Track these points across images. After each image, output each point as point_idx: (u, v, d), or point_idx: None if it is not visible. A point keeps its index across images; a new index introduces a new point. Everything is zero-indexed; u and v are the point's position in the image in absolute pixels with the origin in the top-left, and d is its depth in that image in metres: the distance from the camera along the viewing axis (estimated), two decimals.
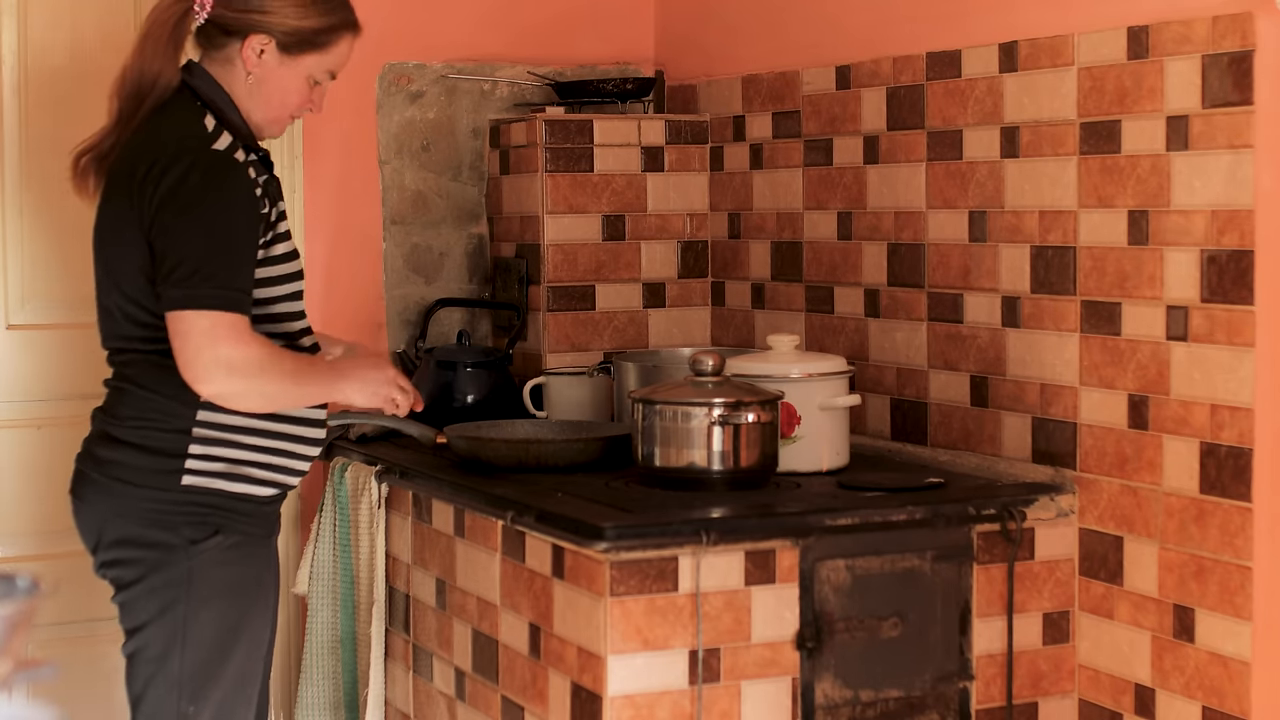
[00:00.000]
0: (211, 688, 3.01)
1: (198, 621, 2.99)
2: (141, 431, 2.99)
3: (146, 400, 3.00)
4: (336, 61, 3.09)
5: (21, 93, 4.00)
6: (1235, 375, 2.86)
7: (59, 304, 4.06)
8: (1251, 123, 2.81)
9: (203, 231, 2.89)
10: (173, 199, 2.90)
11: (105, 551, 3.06)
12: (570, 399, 3.83)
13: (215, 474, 2.98)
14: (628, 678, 2.85)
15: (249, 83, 3.03)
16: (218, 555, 2.99)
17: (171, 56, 3.02)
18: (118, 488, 3.00)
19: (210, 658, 3.00)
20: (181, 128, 2.98)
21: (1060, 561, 3.17)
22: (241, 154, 2.97)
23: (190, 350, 2.86)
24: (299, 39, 3.02)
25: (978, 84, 3.37)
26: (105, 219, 3.06)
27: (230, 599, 3.02)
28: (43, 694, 3.96)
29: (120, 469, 3.00)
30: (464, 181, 4.29)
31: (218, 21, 3.02)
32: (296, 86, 3.05)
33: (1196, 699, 2.94)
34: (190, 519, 2.98)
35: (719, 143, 4.16)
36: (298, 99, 3.07)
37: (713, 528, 2.87)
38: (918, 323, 3.54)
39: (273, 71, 3.03)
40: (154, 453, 2.98)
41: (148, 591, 3.01)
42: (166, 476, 2.97)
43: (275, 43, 3.01)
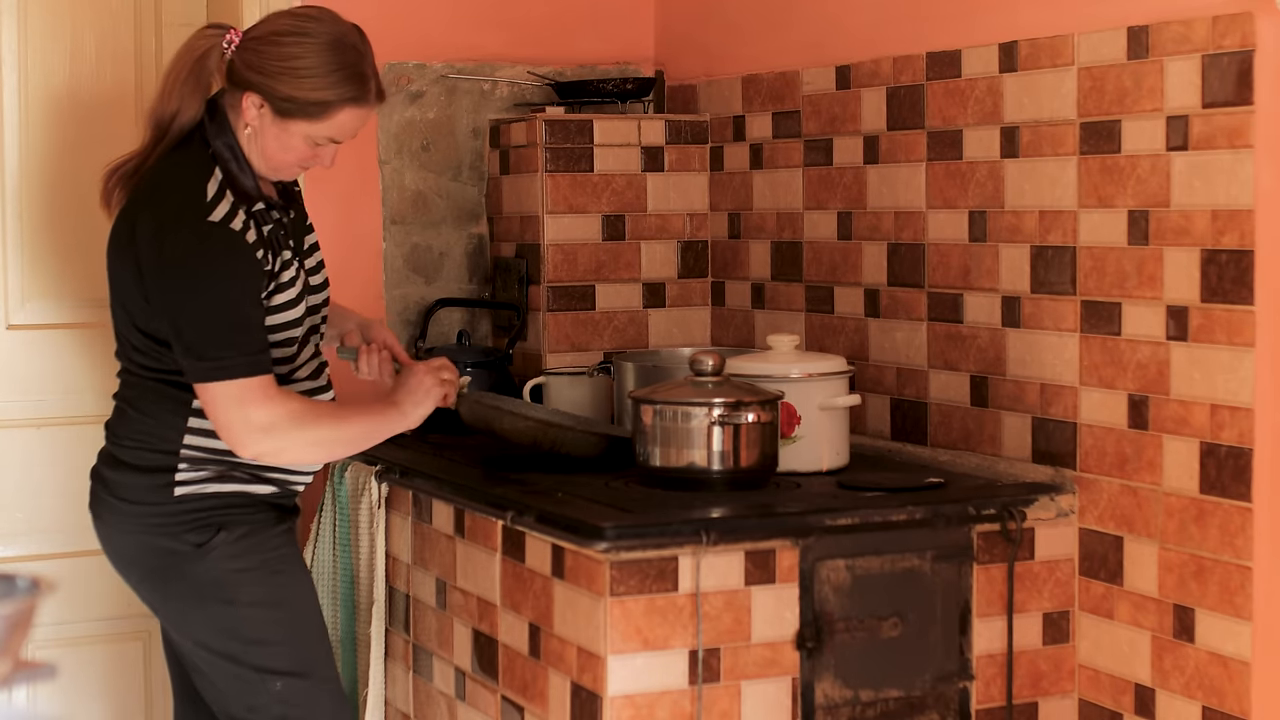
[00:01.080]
0: (287, 660, 3.10)
1: (242, 611, 3.08)
2: (135, 452, 3.09)
3: (139, 422, 3.09)
4: (336, 131, 3.03)
5: (22, 94, 4.00)
6: (1235, 375, 2.86)
7: (59, 304, 4.06)
8: (1251, 123, 2.81)
9: (211, 307, 2.93)
10: (176, 274, 2.93)
11: (130, 570, 3.15)
12: (570, 399, 3.83)
13: (205, 480, 3.06)
14: (628, 678, 2.85)
15: (247, 134, 3.02)
16: (229, 550, 3.06)
17: (190, 93, 3.02)
18: (121, 506, 3.10)
19: (272, 636, 3.09)
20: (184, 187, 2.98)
21: (1060, 561, 3.17)
22: (241, 217, 2.98)
23: (223, 420, 2.94)
24: (293, 106, 2.98)
25: (978, 84, 3.37)
26: (114, 248, 3.10)
27: (264, 581, 3.10)
28: (43, 694, 3.96)
29: (120, 488, 3.10)
30: (464, 181, 4.29)
31: (233, 65, 3.01)
32: (294, 145, 3.03)
33: (1196, 699, 2.94)
34: (191, 525, 3.06)
35: (719, 143, 4.16)
36: (295, 156, 3.05)
37: (713, 528, 2.87)
38: (918, 323, 3.54)
39: (268, 129, 3.01)
40: (146, 471, 3.07)
41: (179, 599, 3.10)
42: (160, 490, 3.06)
43: (270, 106, 2.98)
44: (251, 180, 3.03)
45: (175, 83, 3.02)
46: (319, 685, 3.13)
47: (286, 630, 3.11)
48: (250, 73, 2.98)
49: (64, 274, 4.06)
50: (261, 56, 2.97)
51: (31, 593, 1.61)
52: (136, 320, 3.04)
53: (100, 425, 3.17)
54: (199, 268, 2.94)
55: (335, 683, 3.18)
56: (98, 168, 4.03)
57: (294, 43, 2.97)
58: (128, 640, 4.10)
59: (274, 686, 3.07)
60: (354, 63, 3.00)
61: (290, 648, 3.11)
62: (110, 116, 4.08)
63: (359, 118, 3.04)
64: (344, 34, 3.01)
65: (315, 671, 3.13)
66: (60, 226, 4.05)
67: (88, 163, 4.06)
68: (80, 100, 4.06)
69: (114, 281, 3.10)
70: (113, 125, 4.08)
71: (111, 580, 4.02)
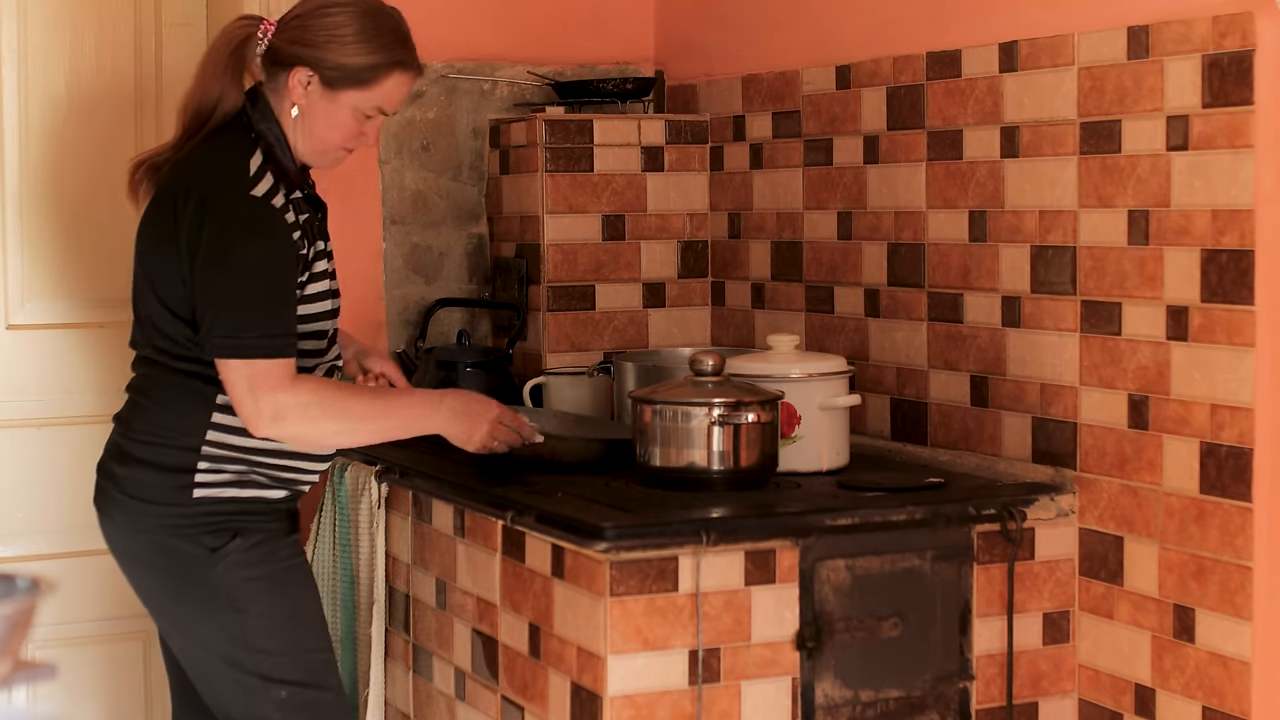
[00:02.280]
0: (293, 670, 3.08)
1: (252, 620, 3.06)
2: (153, 448, 3.05)
3: (159, 417, 3.05)
4: (385, 99, 3.06)
5: (21, 93, 4.00)
6: (1235, 375, 2.86)
7: (59, 304, 4.06)
8: (1251, 123, 2.81)
9: (241, 281, 2.93)
10: (213, 247, 2.93)
11: (138, 569, 3.12)
12: (570, 399, 3.83)
13: (224, 483, 3.04)
14: (628, 678, 2.85)
15: (294, 115, 3.04)
16: (242, 557, 3.05)
17: (231, 81, 3.04)
18: (134, 504, 3.06)
19: (279, 646, 3.08)
20: (227, 165, 3.00)
21: (1060, 561, 3.17)
22: (281, 197, 2.99)
23: (237, 398, 2.93)
24: (342, 74, 3.01)
25: (978, 84, 3.37)
26: (149, 232, 3.08)
27: (273, 591, 3.09)
28: (43, 694, 3.96)
29: (135, 486, 3.06)
30: (464, 181, 4.29)
31: (272, 50, 3.04)
32: (341, 120, 3.05)
33: (1196, 699, 2.94)
34: (207, 528, 3.04)
35: (719, 143, 4.16)
36: (342, 133, 3.07)
37: (713, 528, 2.87)
38: (918, 323, 3.54)
39: (316, 104, 3.03)
40: (165, 470, 3.04)
41: (189, 603, 3.07)
42: (178, 491, 3.03)
43: (319, 77, 3.01)
44: (293, 165, 3.06)
45: (217, 70, 3.04)
46: (323, 695, 3.13)
47: (293, 641, 3.10)
48: (296, 47, 3.01)
49: (64, 274, 4.06)
50: (306, 30, 3.01)
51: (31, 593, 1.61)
52: (171, 305, 3.01)
53: (100, 425, 3.17)
54: (237, 241, 2.94)
55: (339, 692, 3.17)
56: (98, 167, 4.05)
57: (337, 12, 3.02)
58: (128, 640, 4.11)
59: (278, 695, 3.06)
60: (396, 27, 3.07)
61: (296, 658, 3.09)
62: (110, 116, 4.08)
63: (405, 84, 3.08)
64: (381, 3, 3.09)
65: (320, 682, 3.13)
66: (60, 226, 4.05)
67: (87, 162, 4.07)
68: (80, 100, 4.06)
69: (146, 267, 3.07)
70: (113, 125, 4.09)
71: (111, 580, 4.03)
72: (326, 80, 3.01)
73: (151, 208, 3.08)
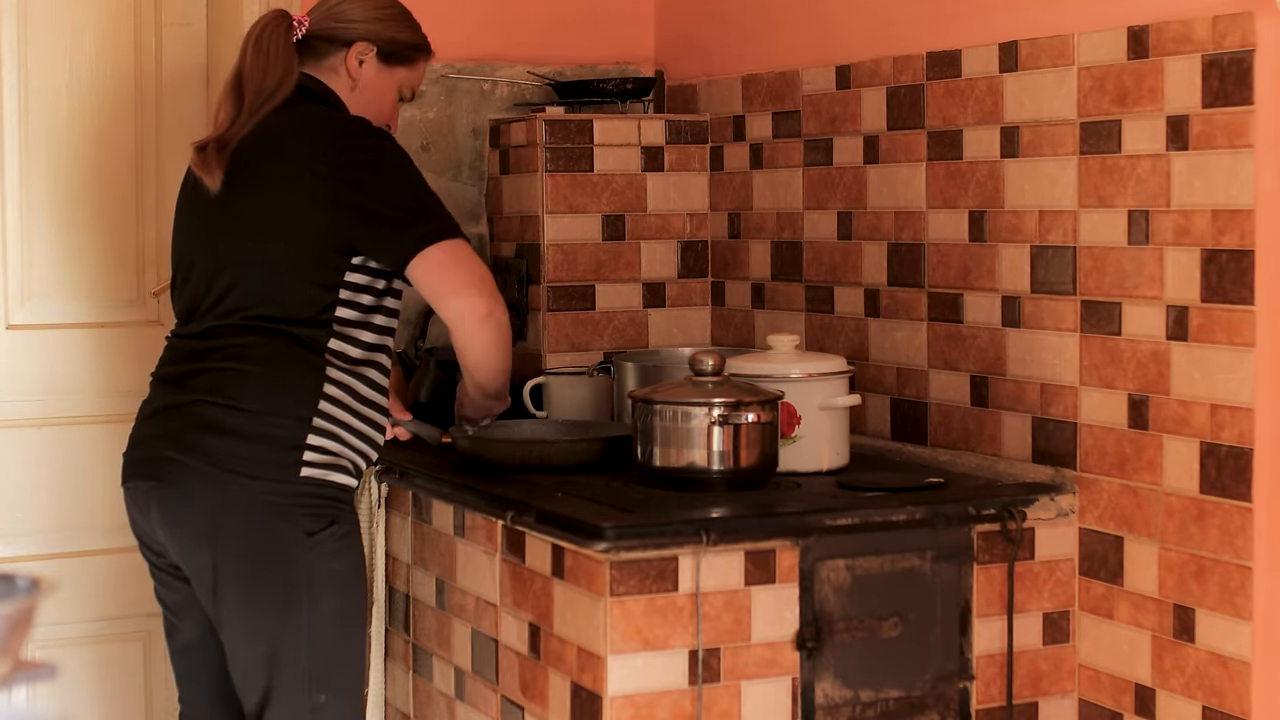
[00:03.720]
0: (340, 674, 3.08)
1: (319, 614, 3.03)
2: (268, 419, 2.98)
3: (269, 387, 3.00)
4: (417, 80, 3.31)
5: (21, 93, 4.00)
6: (1235, 375, 2.86)
7: (59, 304, 4.06)
8: (1251, 123, 2.81)
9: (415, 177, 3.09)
10: (376, 161, 3.06)
11: (217, 545, 2.99)
12: (570, 399, 3.83)
13: (326, 465, 3.03)
14: (628, 678, 2.85)
15: (353, 90, 3.22)
16: (331, 546, 3.04)
17: (291, 63, 3.16)
18: (231, 479, 2.97)
19: (335, 648, 3.07)
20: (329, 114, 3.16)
21: (1060, 561, 3.17)
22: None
23: (462, 271, 3.04)
24: (396, 49, 3.23)
25: (978, 84, 3.37)
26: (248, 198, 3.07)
27: (344, 587, 3.09)
28: (43, 694, 3.96)
29: (233, 459, 2.97)
30: (464, 181, 4.29)
31: (321, 34, 3.20)
32: (390, 97, 3.26)
33: (1196, 699, 2.95)
34: (308, 510, 3.01)
35: (719, 143, 4.16)
36: (389, 109, 3.27)
37: (713, 528, 2.87)
38: (918, 323, 3.54)
39: (373, 79, 3.23)
40: (274, 443, 2.98)
41: (266, 587, 3.00)
42: (286, 469, 2.98)
43: (376, 51, 3.21)
44: None
45: (278, 50, 3.14)
46: (353, 705, 3.13)
47: (348, 644, 3.10)
48: (353, 24, 3.20)
49: (64, 274, 4.06)
50: (354, 9, 3.21)
51: (31, 593, 1.61)
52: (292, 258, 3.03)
53: (100, 425, 3.16)
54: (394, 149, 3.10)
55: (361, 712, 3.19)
56: (98, 167, 4.05)
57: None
58: (128, 640, 4.10)
59: (317, 700, 3.03)
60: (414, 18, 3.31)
61: (345, 663, 3.09)
62: (110, 116, 4.08)
63: (424, 73, 3.34)
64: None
65: (355, 693, 3.13)
66: (60, 226, 4.05)
67: (88, 162, 4.07)
68: (80, 100, 4.06)
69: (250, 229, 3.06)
70: (113, 124, 4.08)
71: (111, 580, 4.04)
72: (383, 55, 3.23)
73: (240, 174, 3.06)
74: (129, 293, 4.08)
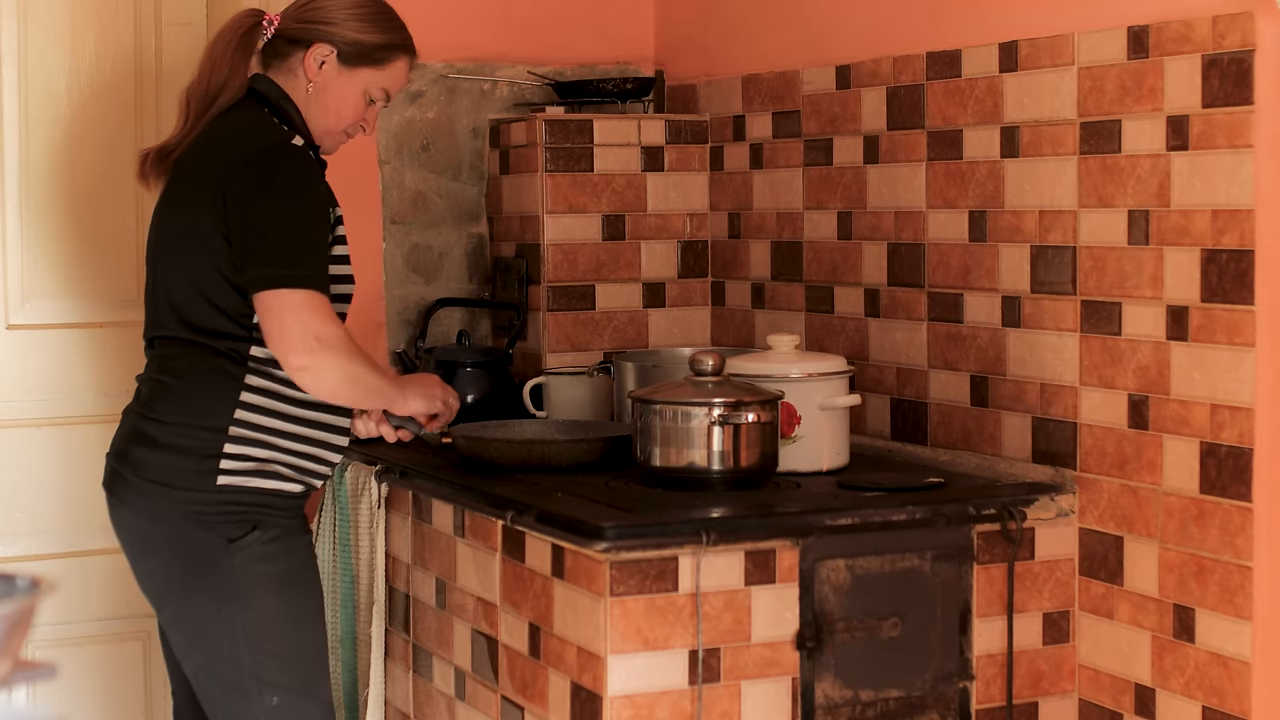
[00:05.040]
0: (288, 674, 3.08)
1: (257, 618, 3.05)
2: (180, 430, 3.03)
3: (187, 398, 3.04)
4: (392, 81, 3.20)
5: (22, 93, 4.01)
6: (1235, 375, 2.86)
7: (59, 304, 4.06)
8: (1251, 123, 2.81)
9: (293, 215, 2.99)
10: (261, 186, 2.99)
11: (149, 557, 3.09)
12: (570, 399, 3.83)
13: (248, 472, 3.03)
14: (628, 678, 2.85)
15: (309, 91, 3.14)
16: (259, 550, 3.04)
17: (238, 66, 3.12)
18: (155, 490, 3.04)
19: (282, 649, 3.08)
20: (257, 125, 3.09)
21: (1060, 561, 3.17)
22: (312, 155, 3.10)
23: (283, 324, 2.93)
24: (358, 51, 3.14)
25: (978, 84, 3.37)
26: (174, 209, 3.11)
27: (282, 590, 3.08)
28: (43, 694, 3.96)
29: (157, 470, 3.04)
30: (464, 181, 4.29)
31: (285, 34, 3.14)
32: (353, 100, 3.16)
33: (1196, 699, 2.95)
34: (228, 517, 3.03)
35: (719, 143, 4.16)
36: (353, 112, 3.17)
37: (713, 528, 2.87)
38: (918, 323, 3.54)
39: (332, 81, 3.14)
40: (190, 454, 3.02)
41: (198, 595, 3.06)
42: (202, 477, 3.02)
43: (336, 53, 3.13)
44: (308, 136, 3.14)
45: (225, 52, 3.12)
46: (314, 706, 3.12)
47: (295, 644, 3.09)
48: (313, 25, 3.13)
49: (64, 274, 4.06)
50: (322, 9, 3.14)
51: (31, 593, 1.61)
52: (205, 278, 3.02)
53: (100, 425, 3.17)
54: (290, 179, 3.01)
55: (328, 706, 3.16)
56: (98, 167, 4.06)
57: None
58: (128, 640, 4.11)
59: (270, 701, 3.05)
60: (396, 14, 3.22)
61: (295, 663, 3.09)
62: (110, 115, 4.09)
63: (406, 71, 3.23)
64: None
65: (313, 692, 3.12)
66: (60, 226, 4.05)
67: (88, 162, 4.07)
68: (80, 99, 4.06)
69: (172, 245, 3.08)
70: (113, 124, 4.09)
71: (111, 580, 4.04)
72: (343, 57, 3.14)
73: (173, 185, 3.12)
74: (129, 293, 4.08)
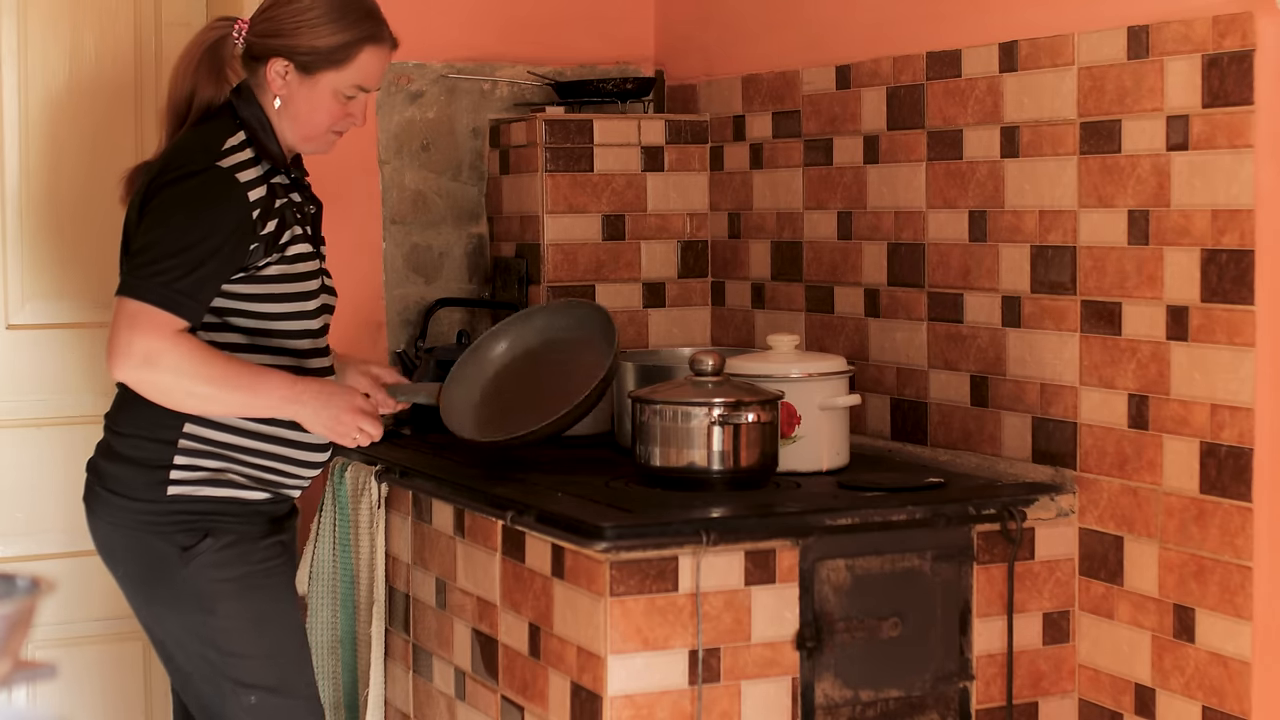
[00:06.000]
0: (263, 674, 3.07)
1: (220, 623, 3.05)
2: (133, 442, 3.05)
3: (139, 411, 3.03)
4: (362, 76, 3.09)
5: (21, 93, 4.01)
6: (1235, 375, 2.86)
7: (59, 304, 4.06)
8: (1251, 123, 2.81)
9: (173, 233, 2.93)
10: (160, 201, 2.96)
11: (115, 565, 3.13)
12: None
13: (199, 481, 3.04)
14: (628, 678, 2.85)
15: (277, 106, 3.07)
16: (212, 558, 3.04)
17: (204, 76, 3.08)
18: (113, 500, 3.07)
19: (253, 651, 3.07)
20: (200, 141, 3.03)
21: (1060, 561, 3.17)
22: (256, 171, 3.00)
23: (115, 331, 2.90)
24: (316, 57, 3.04)
25: (978, 84, 3.37)
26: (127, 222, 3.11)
27: (243, 594, 3.07)
28: (43, 694, 3.96)
29: (115, 481, 3.07)
30: (464, 181, 4.29)
31: (249, 46, 3.08)
32: (324, 105, 3.07)
33: (1196, 699, 2.95)
34: (180, 526, 3.04)
35: (719, 143, 4.16)
36: (327, 116, 3.09)
37: (713, 528, 2.87)
38: (918, 323, 3.54)
39: (296, 92, 3.06)
40: (141, 465, 3.04)
41: (161, 602, 3.08)
42: (154, 488, 3.03)
43: (294, 64, 3.05)
44: (279, 150, 3.07)
45: (188, 68, 3.08)
46: (294, 702, 3.11)
47: (264, 645, 3.08)
48: (268, 39, 3.04)
49: (64, 274, 4.06)
50: (275, 20, 3.05)
51: (31, 593, 1.61)
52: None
53: (100, 425, 3.17)
54: (187, 199, 2.95)
55: (313, 700, 3.15)
56: (98, 167, 4.05)
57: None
58: (128, 640, 4.10)
59: (248, 700, 3.05)
60: (362, 3, 3.09)
61: (267, 663, 3.08)
62: (110, 116, 4.09)
63: (380, 59, 3.10)
64: None
65: (291, 689, 3.11)
66: (60, 226, 4.05)
67: (87, 162, 4.07)
68: (80, 99, 4.06)
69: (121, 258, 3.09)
70: (113, 124, 4.09)
71: (111, 580, 4.03)
72: (302, 66, 3.04)
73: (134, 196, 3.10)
74: None
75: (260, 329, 3.04)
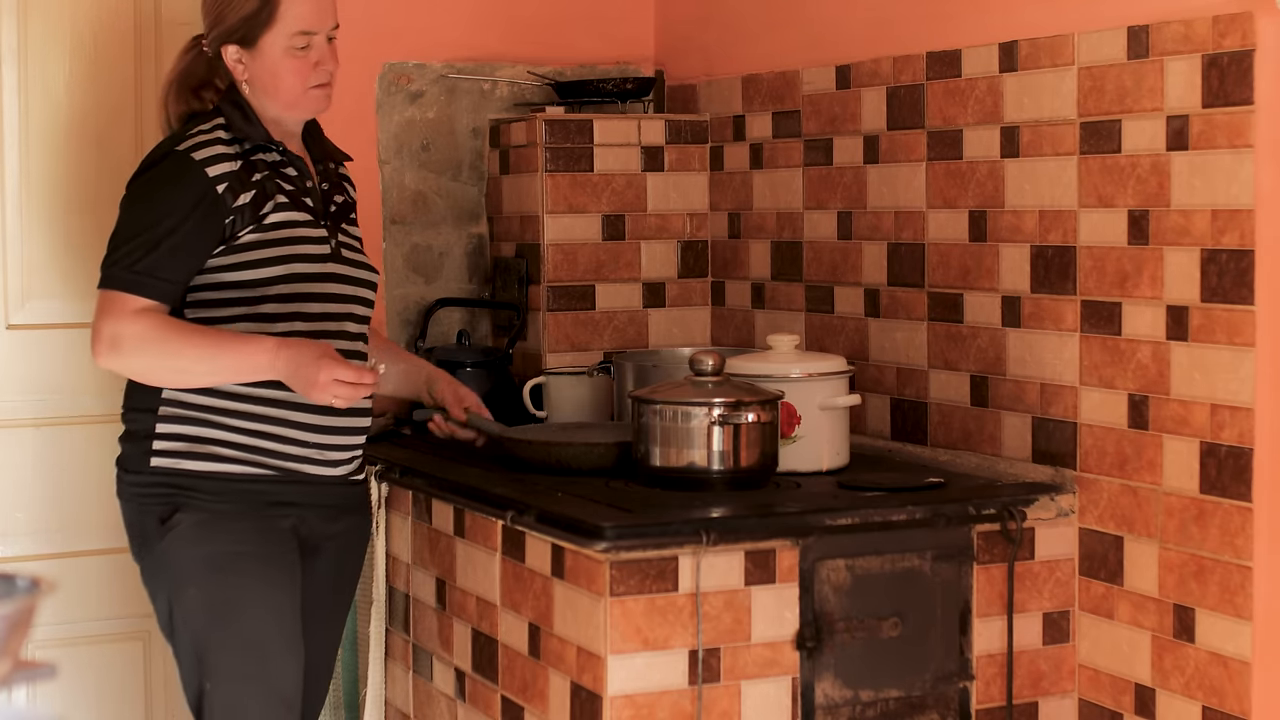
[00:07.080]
0: (221, 663, 3.06)
1: (184, 600, 3.08)
2: (129, 416, 3.15)
3: (131, 385, 3.15)
4: (299, 21, 3.10)
5: (21, 94, 4.00)
6: (1235, 375, 2.86)
7: (59, 304, 4.06)
8: (1251, 123, 2.81)
9: (131, 219, 3.07)
10: (125, 195, 3.10)
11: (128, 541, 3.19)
12: (570, 399, 3.82)
13: (180, 453, 3.07)
14: (628, 678, 2.85)
15: (247, 91, 3.15)
16: (186, 533, 3.06)
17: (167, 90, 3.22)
18: (119, 475, 3.15)
19: (207, 634, 3.07)
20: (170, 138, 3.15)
21: (1060, 561, 3.17)
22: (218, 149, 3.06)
23: (96, 318, 3.05)
24: (246, 26, 3.10)
25: (978, 84, 3.37)
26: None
27: (208, 576, 3.07)
28: (43, 694, 3.96)
29: (121, 457, 3.16)
30: (464, 181, 4.29)
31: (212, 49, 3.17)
32: (281, 66, 3.12)
33: (1196, 699, 2.94)
34: (159, 499, 3.08)
35: (719, 142, 4.16)
36: (291, 75, 3.12)
37: (713, 528, 2.87)
38: (918, 323, 3.54)
39: (253, 68, 3.13)
40: (134, 437, 3.12)
41: (144, 573, 3.15)
42: (142, 458, 3.09)
43: (235, 43, 3.13)
44: (261, 128, 3.13)
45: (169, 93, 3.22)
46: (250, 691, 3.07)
47: (224, 632, 3.06)
48: (213, 32, 3.15)
49: (64, 274, 4.06)
50: (208, 14, 3.16)
51: (31, 593, 1.61)
52: None
53: (100, 425, 3.19)
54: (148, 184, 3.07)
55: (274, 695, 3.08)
56: (98, 167, 4.05)
57: None
58: (128, 640, 4.10)
59: (204, 685, 3.08)
60: None
61: (227, 650, 3.06)
62: (110, 116, 4.08)
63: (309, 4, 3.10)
64: None
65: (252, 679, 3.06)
66: (60, 226, 4.05)
67: (87, 162, 4.06)
68: (80, 100, 4.06)
69: None
70: (112, 125, 4.08)
71: (111, 580, 4.04)
72: (243, 41, 3.11)
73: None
74: None
75: (243, 297, 3.08)
